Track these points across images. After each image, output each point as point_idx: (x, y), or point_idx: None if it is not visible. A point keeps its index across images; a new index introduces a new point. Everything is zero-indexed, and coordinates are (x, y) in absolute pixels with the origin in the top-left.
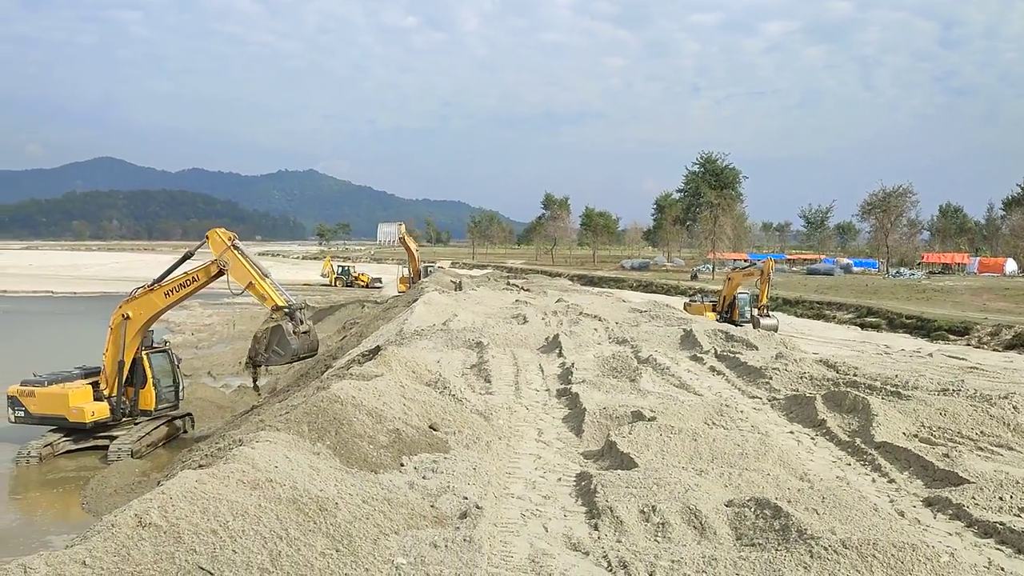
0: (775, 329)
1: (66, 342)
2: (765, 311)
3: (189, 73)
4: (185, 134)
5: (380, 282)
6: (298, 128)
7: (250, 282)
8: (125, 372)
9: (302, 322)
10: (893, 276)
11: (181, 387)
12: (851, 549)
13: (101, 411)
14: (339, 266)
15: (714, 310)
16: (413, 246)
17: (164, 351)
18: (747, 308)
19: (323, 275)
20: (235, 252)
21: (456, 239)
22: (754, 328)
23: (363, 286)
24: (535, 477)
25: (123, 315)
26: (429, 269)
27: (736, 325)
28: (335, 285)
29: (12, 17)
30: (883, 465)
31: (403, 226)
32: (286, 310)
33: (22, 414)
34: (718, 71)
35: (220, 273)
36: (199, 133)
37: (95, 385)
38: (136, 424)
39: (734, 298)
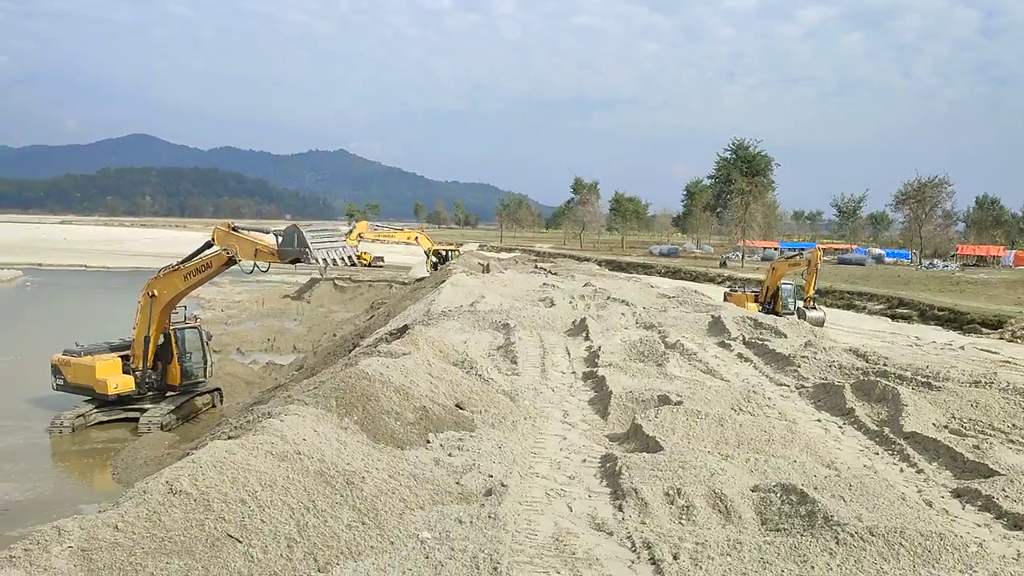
0: (822, 323)
1: (96, 316)
2: (811, 303)
3: (223, 52)
4: (218, 113)
5: (382, 260)
6: (330, 108)
7: (255, 250)
8: (153, 347)
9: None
10: (926, 267)
11: (210, 363)
12: (878, 537)
13: (126, 384)
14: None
15: (756, 301)
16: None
17: (195, 327)
18: (791, 299)
19: None
20: (235, 235)
21: (485, 222)
22: (800, 319)
23: (366, 265)
24: (560, 458)
25: (150, 293)
26: (445, 253)
27: (779, 317)
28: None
29: None
30: (912, 455)
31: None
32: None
33: (62, 382)
34: (753, 57)
35: (231, 260)
36: (232, 111)
37: (125, 359)
38: (166, 398)
39: (778, 288)
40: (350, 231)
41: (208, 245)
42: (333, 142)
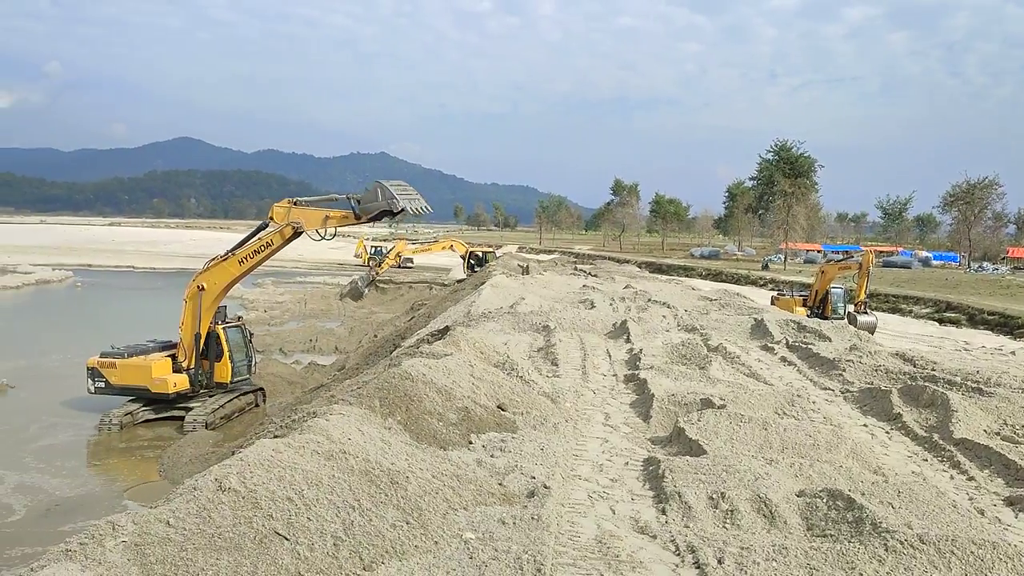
0: (873, 328)
1: (144, 315)
2: (863, 307)
3: (266, 56)
4: (261, 116)
5: (412, 262)
6: (371, 111)
7: (325, 216)
8: (202, 344)
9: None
10: (975, 271)
11: (253, 361)
12: (928, 545)
13: (182, 383)
14: (372, 247)
15: (804, 305)
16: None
17: (237, 326)
18: (841, 303)
19: (356, 255)
20: (299, 208)
21: (524, 224)
22: (851, 325)
23: (395, 267)
24: (602, 460)
25: (198, 286)
26: (482, 256)
27: (825, 321)
28: (368, 265)
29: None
30: (962, 462)
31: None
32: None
33: (103, 385)
34: (796, 57)
35: (296, 234)
36: (274, 115)
37: (173, 357)
38: (211, 396)
39: (827, 292)
40: (389, 251)
41: (262, 227)
42: (374, 144)
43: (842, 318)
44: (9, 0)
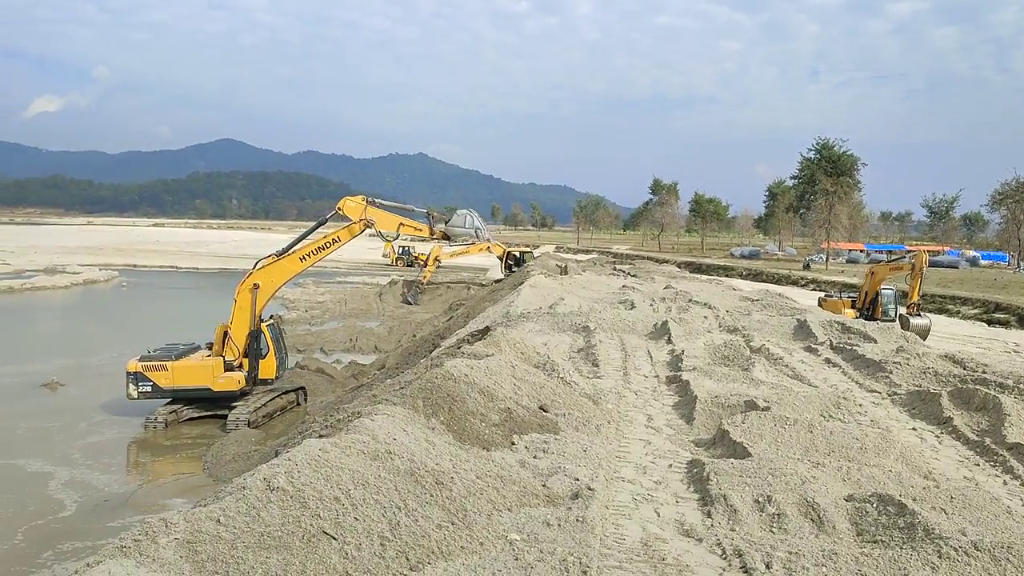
0: (927, 331)
1: (187, 315)
2: (916, 310)
3: (307, 58)
4: (302, 117)
5: (439, 262)
6: (410, 112)
7: (400, 223)
8: (250, 342)
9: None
10: None
11: (287, 359)
12: (983, 552)
13: (241, 380)
14: (400, 247)
15: (853, 307)
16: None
17: (273, 323)
18: (892, 305)
19: (384, 255)
20: (376, 209)
21: (562, 224)
22: (903, 328)
23: (423, 266)
24: (645, 462)
25: (253, 285)
26: (520, 256)
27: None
28: (396, 265)
29: (150, 5)
30: (1016, 467)
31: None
32: (439, 235)
33: (148, 389)
34: (838, 54)
35: (362, 230)
36: (315, 116)
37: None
38: (258, 393)
39: (877, 294)
40: (428, 256)
41: (320, 225)
42: (412, 145)
43: (892, 320)
44: (59, 7)
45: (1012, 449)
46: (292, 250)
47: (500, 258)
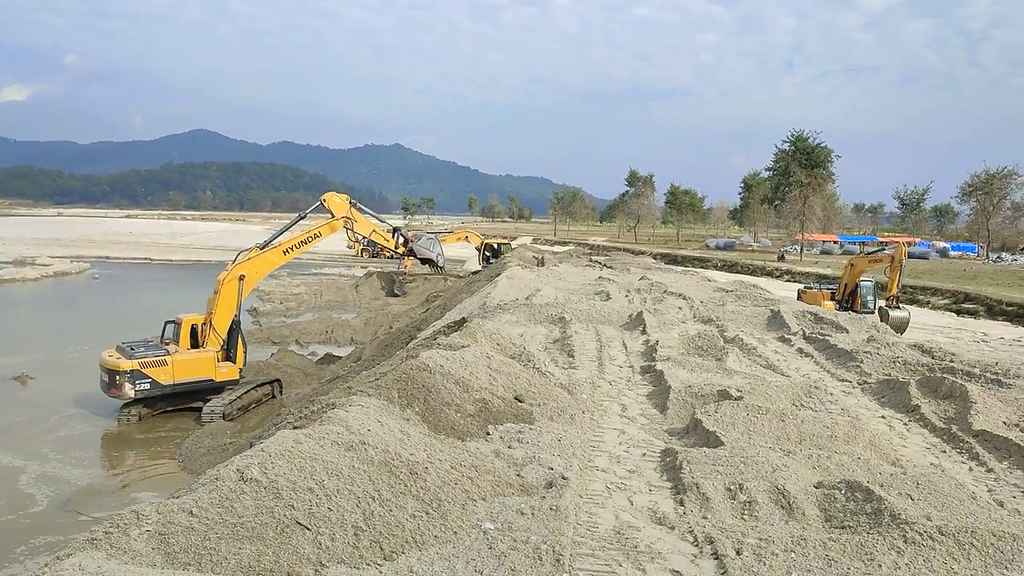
0: (906, 324)
1: (161, 307)
2: (895, 302)
3: (285, 48)
4: (277, 108)
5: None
6: (386, 103)
7: (372, 230)
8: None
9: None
10: (994, 261)
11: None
12: (948, 536)
13: (236, 370)
14: (363, 237)
15: (832, 298)
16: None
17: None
18: (871, 297)
19: (349, 246)
20: (356, 211)
21: (539, 215)
22: (881, 321)
23: (388, 257)
24: (619, 451)
25: (239, 276)
26: (497, 247)
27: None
28: (361, 256)
29: None
30: (981, 454)
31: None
32: (405, 248)
33: (147, 386)
34: (813, 47)
35: (342, 227)
36: (291, 107)
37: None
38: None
39: (856, 286)
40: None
41: (300, 219)
42: (389, 136)
43: (871, 312)
44: None
45: (978, 436)
46: (275, 243)
47: (478, 249)
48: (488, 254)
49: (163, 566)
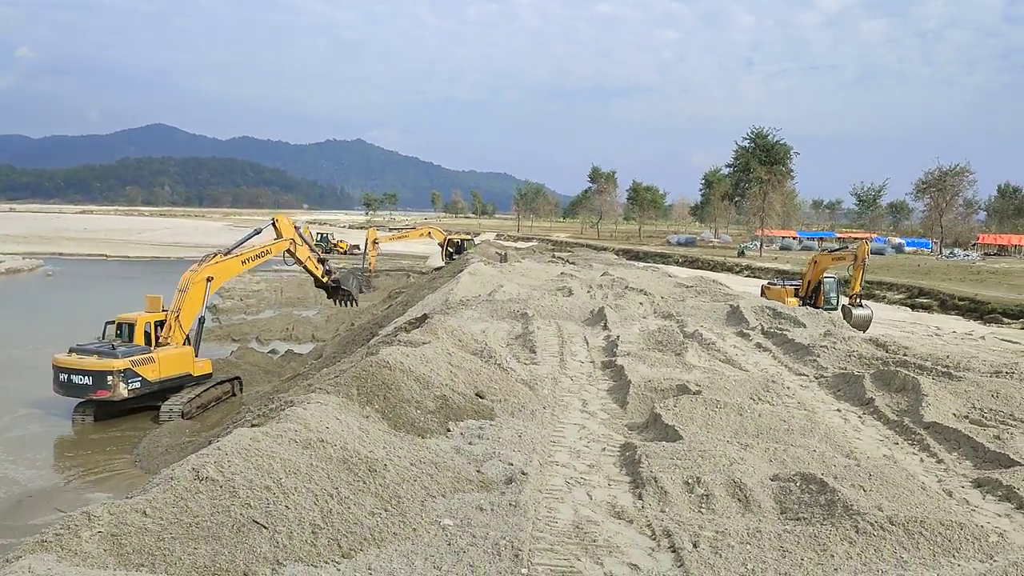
0: (869, 322)
1: (118, 305)
2: (857, 300)
3: (244, 42)
4: (236, 102)
5: (359, 248)
6: (348, 98)
7: (308, 257)
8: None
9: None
10: (947, 257)
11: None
12: (897, 526)
13: (208, 364)
14: (318, 233)
15: (796, 295)
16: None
17: None
18: (834, 293)
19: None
20: (300, 235)
21: (502, 211)
22: (845, 319)
23: (341, 253)
24: (580, 446)
25: (207, 277)
26: (460, 243)
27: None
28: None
29: None
30: (932, 445)
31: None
32: (330, 282)
33: (138, 385)
34: (773, 45)
35: (288, 251)
36: (251, 101)
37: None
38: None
39: (820, 282)
40: (366, 241)
41: (255, 233)
42: (350, 131)
43: (835, 308)
44: None
45: (929, 428)
46: (235, 253)
47: (441, 245)
48: (451, 250)
49: (115, 568)
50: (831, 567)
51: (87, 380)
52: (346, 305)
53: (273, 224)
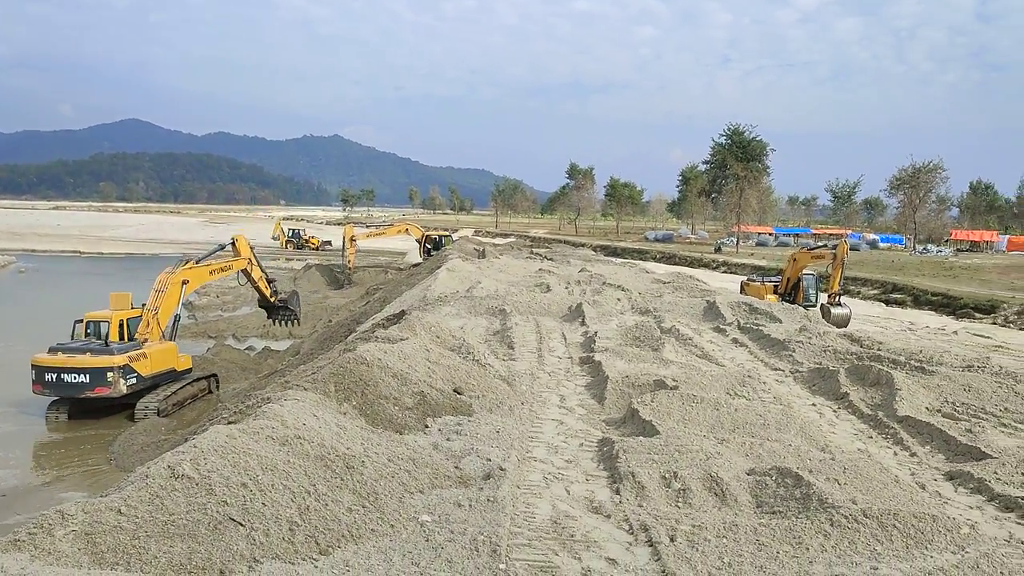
0: (847, 321)
1: (92, 302)
2: (836, 299)
3: (221, 38)
4: (215, 98)
5: (330, 244)
6: (326, 94)
7: (260, 278)
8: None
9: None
10: (920, 253)
11: None
12: (871, 518)
13: (188, 359)
14: (290, 229)
15: (776, 292)
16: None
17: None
18: (813, 290)
19: (274, 237)
20: (255, 258)
21: (480, 207)
22: (824, 318)
23: (313, 249)
24: (557, 442)
25: (183, 280)
26: (438, 239)
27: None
28: (285, 247)
29: None
30: (905, 439)
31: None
32: (276, 303)
33: (134, 380)
34: (749, 42)
35: (246, 272)
36: (227, 97)
37: None
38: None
39: (799, 280)
40: (344, 238)
41: (220, 248)
42: (327, 127)
43: (814, 305)
44: None
45: (902, 422)
46: (204, 262)
47: (419, 241)
48: (429, 246)
49: (90, 566)
50: (806, 560)
51: (84, 378)
52: (285, 325)
53: (232, 244)
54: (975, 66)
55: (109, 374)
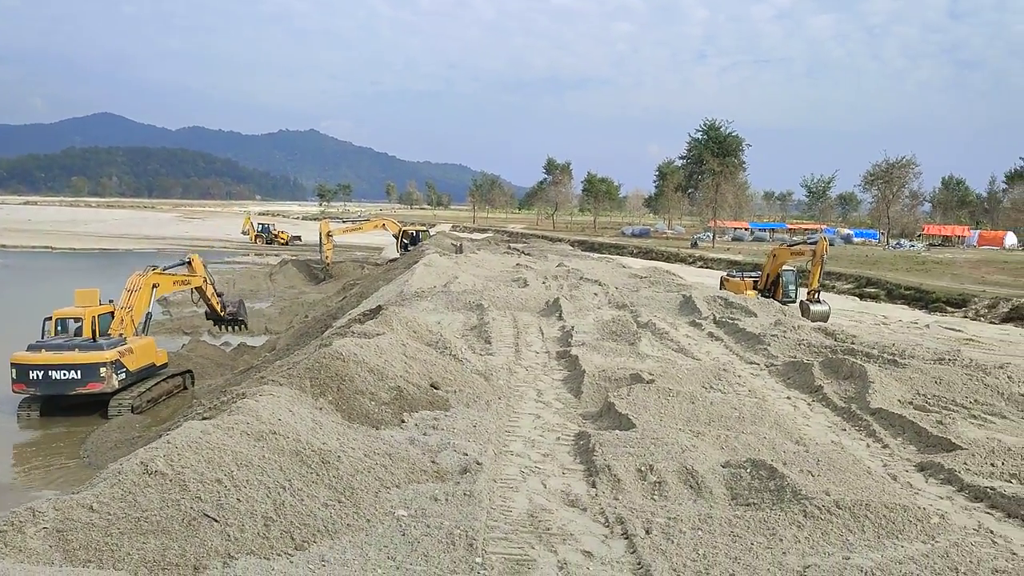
0: (826, 317)
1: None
2: (816, 296)
3: (198, 31)
4: (188, 92)
5: (300, 239)
6: (302, 88)
7: (212, 293)
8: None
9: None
10: (893, 247)
11: None
12: (844, 509)
13: (164, 354)
14: (259, 224)
15: (755, 288)
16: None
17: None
18: (793, 286)
19: (244, 232)
20: (209, 276)
21: (457, 202)
22: (803, 316)
23: (282, 244)
24: (534, 436)
25: (153, 284)
26: (415, 234)
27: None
28: (255, 242)
29: None
30: (878, 431)
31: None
32: (224, 318)
33: (124, 375)
34: (725, 38)
35: (199, 289)
36: (201, 91)
37: None
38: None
39: (778, 276)
40: (320, 234)
41: (182, 263)
42: (304, 122)
43: (793, 301)
44: None
45: (875, 414)
46: (170, 271)
47: (396, 237)
48: (406, 241)
49: (62, 564)
50: (780, 551)
51: (75, 374)
52: (234, 330)
53: (188, 263)
54: (948, 63)
55: (102, 369)
